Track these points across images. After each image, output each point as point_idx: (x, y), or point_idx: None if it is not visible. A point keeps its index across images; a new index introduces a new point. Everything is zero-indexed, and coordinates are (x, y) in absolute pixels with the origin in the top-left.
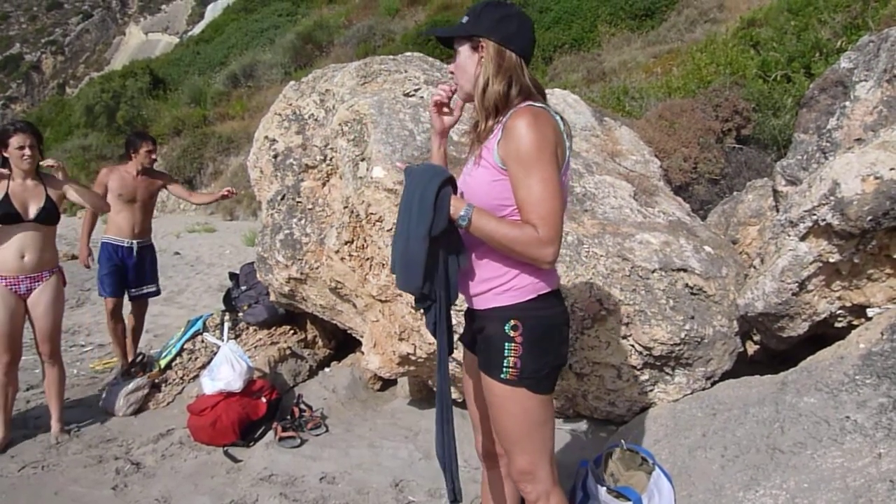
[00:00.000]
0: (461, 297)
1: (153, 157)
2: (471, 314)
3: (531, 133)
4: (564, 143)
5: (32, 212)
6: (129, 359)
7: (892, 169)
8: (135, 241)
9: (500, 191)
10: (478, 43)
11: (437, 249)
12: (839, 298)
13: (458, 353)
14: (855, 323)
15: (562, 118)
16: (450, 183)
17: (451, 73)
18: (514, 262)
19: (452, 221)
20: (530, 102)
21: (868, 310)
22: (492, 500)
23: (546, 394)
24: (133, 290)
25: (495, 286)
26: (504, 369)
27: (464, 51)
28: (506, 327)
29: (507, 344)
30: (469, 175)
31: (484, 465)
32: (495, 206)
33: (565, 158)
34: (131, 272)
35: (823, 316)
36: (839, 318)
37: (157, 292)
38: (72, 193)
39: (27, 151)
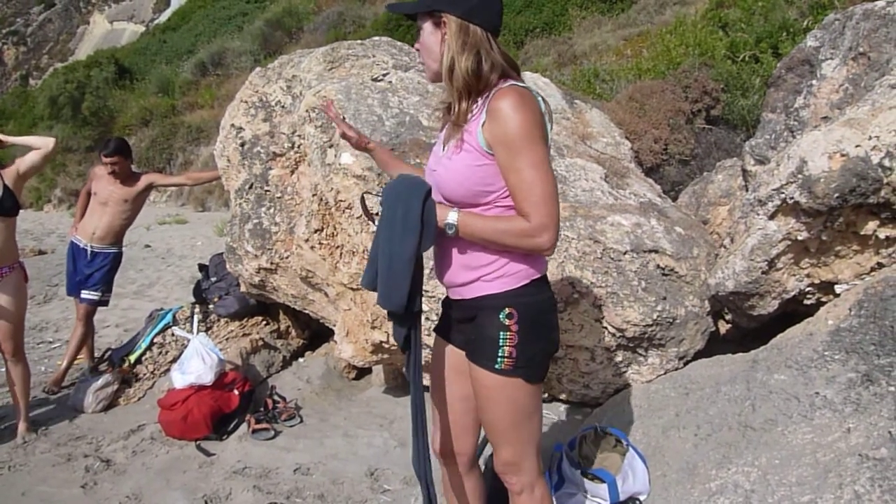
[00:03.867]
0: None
1: (108, 171)
2: (451, 303)
3: (518, 114)
4: (546, 125)
5: None
6: (64, 367)
7: (857, 146)
8: (90, 245)
9: (483, 175)
10: (439, 18)
11: (419, 264)
12: (808, 276)
13: (430, 339)
14: (823, 300)
15: (543, 99)
16: (430, 193)
17: (417, 50)
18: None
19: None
20: (513, 82)
21: (836, 286)
22: (455, 496)
23: (538, 383)
24: (81, 291)
25: (485, 273)
26: (499, 359)
27: (427, 27)
28: (500, 316)
29: (501, 333)
30: (448, 159)
31: (441, 463)
32: (478, 191)
33: (547, 141)
34: (82, 275)
35: (793, 294)
36: (808, 296)
37: (98, 301)
38: (14, 140)
39: None
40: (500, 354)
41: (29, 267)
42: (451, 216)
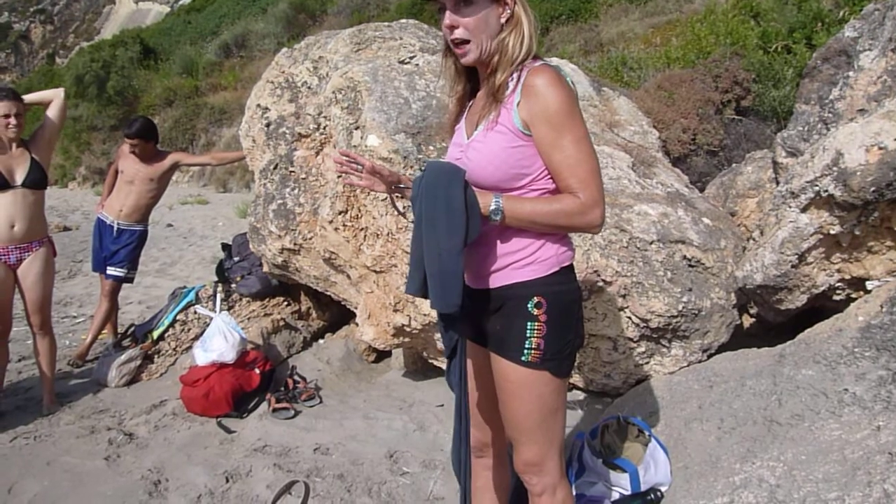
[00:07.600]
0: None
1: (129, 151)
2: (472, 294)
3: (557, 91)
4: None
5: (19, 177)
6: (88, 341)
7: None
8: (117, 222)
9: (519, 157)
10: None
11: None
12: (838, 271)
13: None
14: (853, 296)
15: (571, 81)
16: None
17: (453, 27)
18: (537, 233)
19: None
20: (543, 61)
21: (867, 282)
22: (480, 490)
23: (565, 377)
24: (107, 268)
25: (516, 260)
26: (525, 351)
27: (482, 3)
28: (528, 305)
29: (529, 323)
30: (480, 142)
31: (473, 454)
32: (513, 174)
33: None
34: (108, 251)
35: (822, 289)
36: (838, 291)
37: (123, 278)
38: (30, 98)
39: (12, 120)
40: (527, 346)
41: (54, 242)
42: (495, 202)
